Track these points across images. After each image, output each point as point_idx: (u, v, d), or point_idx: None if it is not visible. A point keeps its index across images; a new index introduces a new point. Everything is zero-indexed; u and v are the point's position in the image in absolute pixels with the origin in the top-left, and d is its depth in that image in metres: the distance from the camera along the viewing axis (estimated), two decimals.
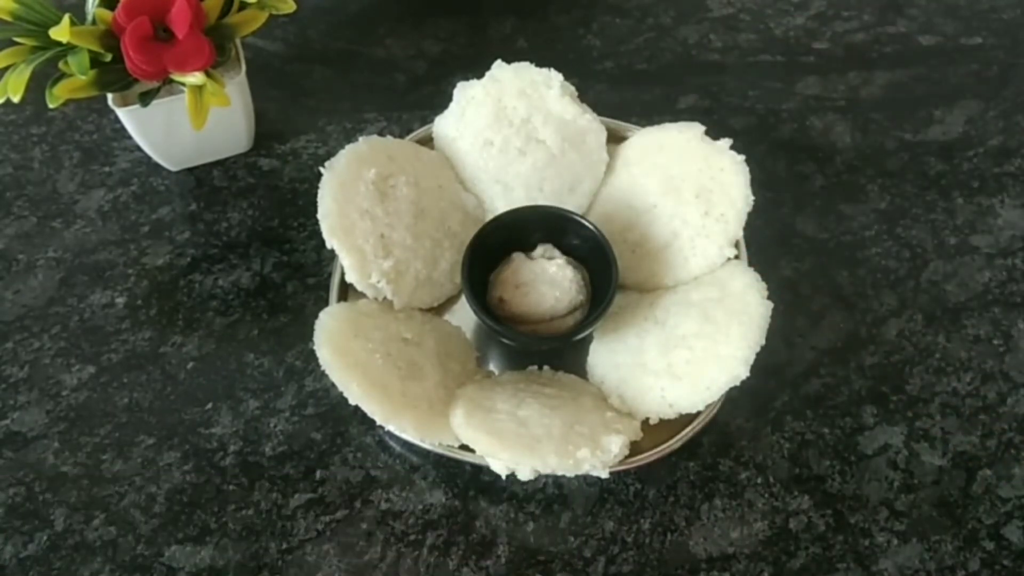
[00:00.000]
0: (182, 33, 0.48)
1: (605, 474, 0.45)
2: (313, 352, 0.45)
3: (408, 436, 0.47)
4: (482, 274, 0.51)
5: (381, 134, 0.55)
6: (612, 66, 0.68)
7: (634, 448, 0.46)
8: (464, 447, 0.46)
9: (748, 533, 0.49)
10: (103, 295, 0.56)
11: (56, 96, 0.47)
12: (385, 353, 0.47)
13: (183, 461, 0.50)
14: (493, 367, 0.53)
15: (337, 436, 0.51)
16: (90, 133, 0.62)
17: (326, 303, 0.52)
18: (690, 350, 0.47)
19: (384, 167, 0.51)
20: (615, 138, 0.57)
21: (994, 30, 0.71)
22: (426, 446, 0.48)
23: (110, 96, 0.52)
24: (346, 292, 0.52)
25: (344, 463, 0.50)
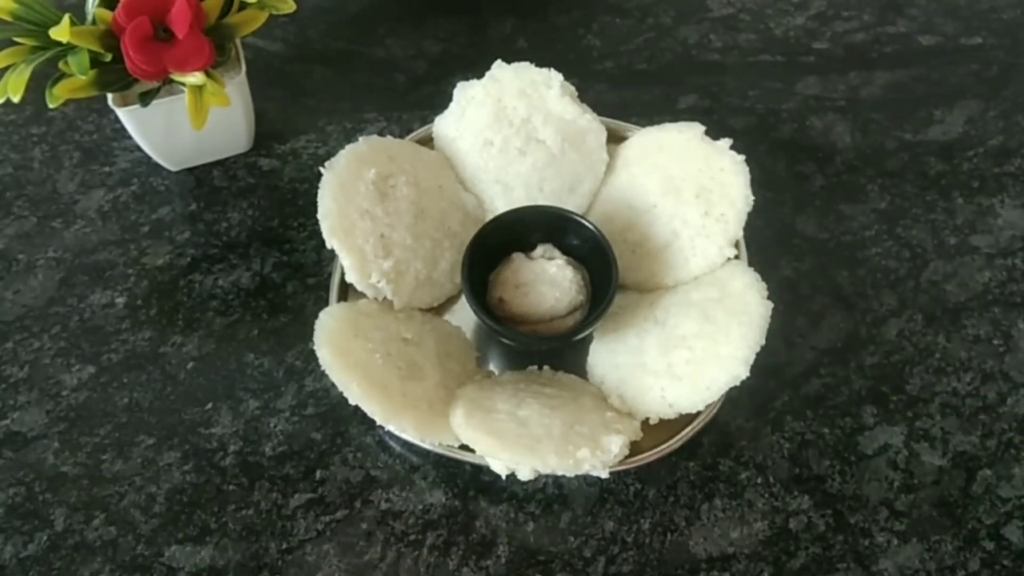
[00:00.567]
0: (182, 33, 0.48)
1: (605, 474, 0.45)
2: (313, 352, 0.45)
3: (408, 436, 0.47)
4: (482, 274, 0.51)
5: (381, 134, 0.55)
6: (612, 66, 0.68)
7: (634, 448, 0.46)
8: (464, 447, 0.46)
9: (748, 533, 0.49)
10: (103, 295, 0.56)
11: (56, 96, 0.47)
12: (385, 353, 0.47)
13: (183, 461, 0.50)
14: (493, 367, 0.53)
15: (337, 436, 0.51)
16: (90, 133, 0.62)
17: (326, 303, 0.52)
18: (690, 350, 0.47)
19: (384, 167, 0.51)
20: (615, 138, 0.57)
21: (994, 30, 0.71)
22: (426, 446, 0.48)
23: (110, 96, 0.52)
24: (346, 292, 0.52)
25: (344, 463, 0.50)
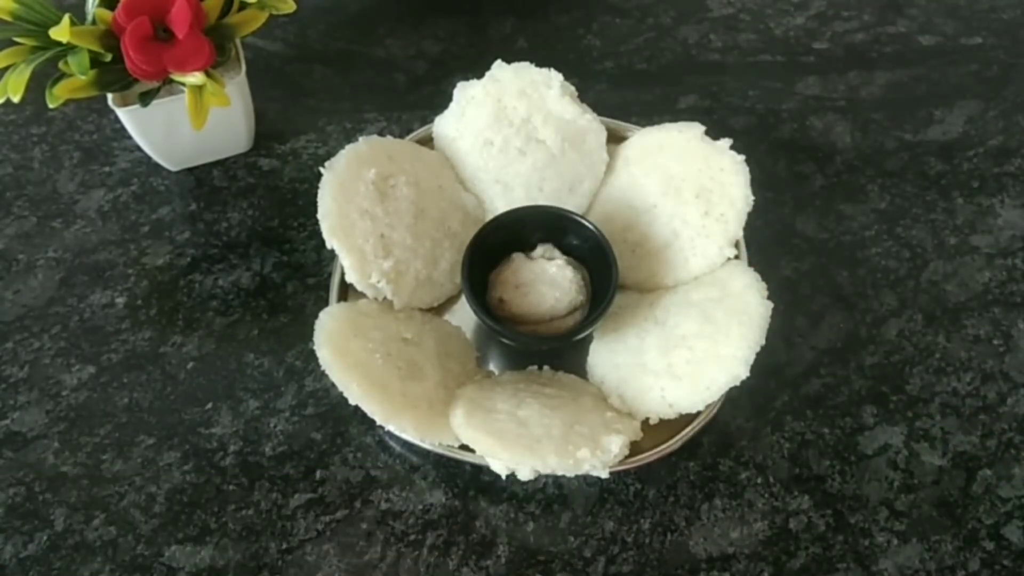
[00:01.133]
0: (182, 33, 0.48)
1: (605, 474, 0.45)
2: (313, 352, 0.45)
3: (408, 436, 0.47)
4: (482, 274, 0.51)
5: (381, 134, 0.55)
6: (612, 66, 0.68)
7: (634, 448, 0.46)
8: (464, 447, 0.46)
9: (748, 533, 0.49)
10: (103, 295, 0.56)
11: (56, 96, 0.47)
12: (385, 353, 0.47)
13: (183, 461, 0.50)
14: (493, 367, 0.53)
15: (337, 436, 0.51)
16: (90, 133, 0.62)
17: (326, 303, 0.52)
18: (690, 350, 0.47)
19: (384, 167, 0.51)
20: (615, 138, 0.57)
21: (994, 30, 0.71)
22: (426, 446, 0.48)
23: (110, 96, 0.52)
24: (346, 292, 0.52)
25: (344, 463, 0.50)
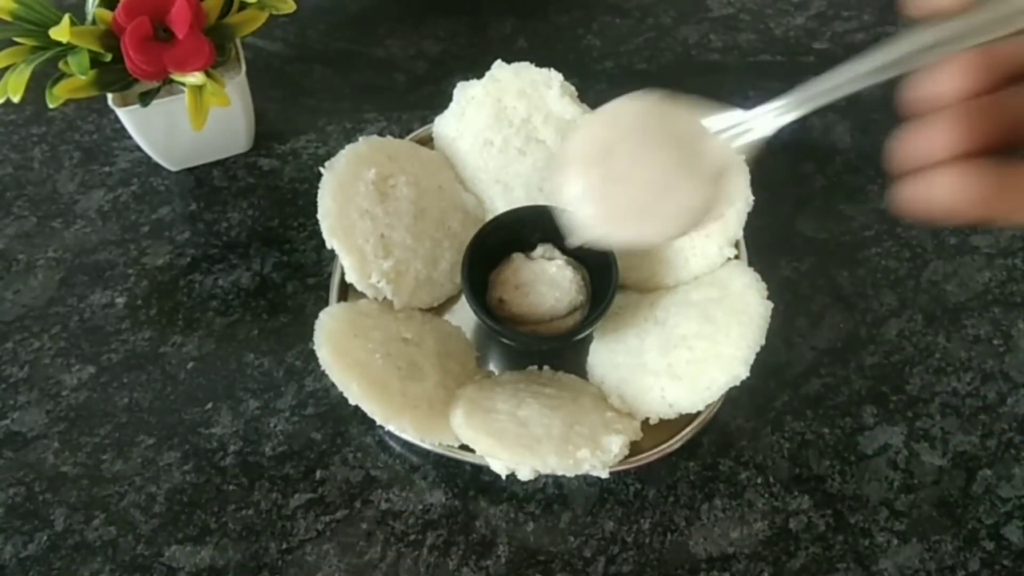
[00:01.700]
0: (182, 33, 0.48)
1: (605, 474, 0.45)
2: (313, 352, 0.45)
3: (408, 436, 0.47)
4: (482, 274, 0.51)
5: (381, 134, 0.55)
6: (612, 66, 0.68)
7: (634, 448, 0.46)
8: (464, 447, 0.46)
9: (748, 533, 0.49)
10: (103, 295, 0.56)
11: (56, 96, 0.47)
12: (385, 353, 0.47)
13: (183, 461, 0.50)
14: (493, 367, 0.53)
15: (337, 436, 0.51)
16: (90, 133, 0.62)
17: (326, 303, 0.52)
18: (690, 350, 0.47)
19: (384, 167, 0.51)
20: None
21: None
22: (426, 446, 0.48)
23: (110, 96, 0.52)
24: (346, 292, 0.52)
25: (344, 463, 0.50)
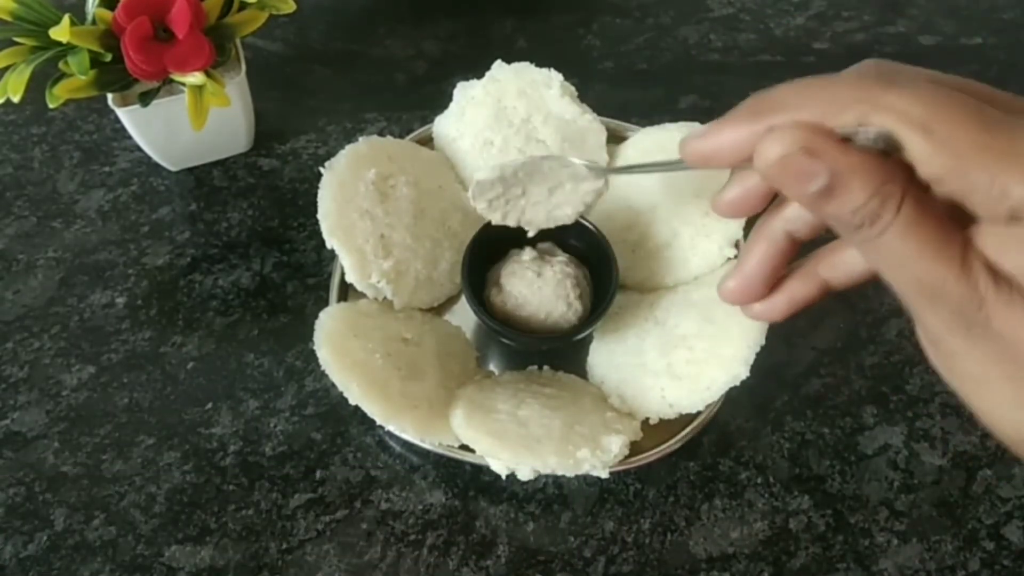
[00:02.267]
0: (182, 33, 0.48)
1: (605, 474, 0.45)
2: (313, 352, 0.45)
3: (408, 436, 0.47)
4: (482, 274, 0.51)
5: (381, 134, 0.55)
6: (612, 66, 0.68)
7: (634, 448, 0.46)
8: (464, 447, 0.46)
9: (748, 533, 0.49)
10: (103, 295, 0.56)
11: (56, 96, 0.47)
12: (385, 353, 0.47)
13: (183, 461, 0.50)
14: (493, 367, 0.53)
15: (337, 436, 0.51)
16: (90, 133, 0.62)
17: (326, 303, 0.52)
18: (690, 350, 0.47)
19: (384, 167, 0.51)
20: (615, 138, 0.57)
21: (994, 30, 0.71)
22: (426, 446, 0.48)
23: (110, 96, 0.52)
24: (346, 292, 0.52)
25: (344, 463, 0.50)
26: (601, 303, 0.49)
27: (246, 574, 0.47)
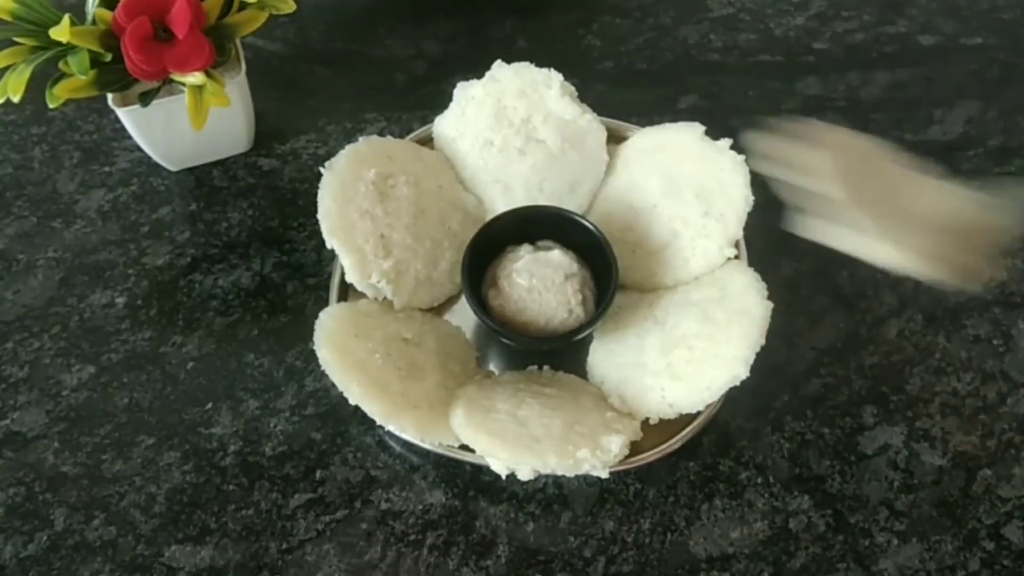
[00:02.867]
0: (182, 33, 0.48)
1: (605, 474, 0.45)
2: (313, 352, 0.45)
3: (408, 436, 0.47)
4: (482, 274, 0.51)
5: (381, 134, 0.55)
6: (612, 66, 0.68)
7: (634, 448, 0.46)
8: (464, 447, 0.46)
9: (748, 533, 0.49)
10: (103, 295, 0.56)
11: (56, 96, 0.47)
12: (385, 353, 0.47)
13: (183, 461, 0.50)
14: (493, 367, 0.53)
15: (337, 436, 0.51)
16: (90, 133, 0.62)
17: (326, 303, 0.52)
18: (690, 350, 0.47)
19: (384, 167, 0.51)
20: (615, 138, 0.57)
21: (994, 30, 0.71)
22: (426, 446, 0.48)
23: (110, 96, 0.52)
24: (346, 292, 0.52)
25: (344, 463, 0.50)
26: (601, 303, 0.49)
27: (246, 574, 0.47)
